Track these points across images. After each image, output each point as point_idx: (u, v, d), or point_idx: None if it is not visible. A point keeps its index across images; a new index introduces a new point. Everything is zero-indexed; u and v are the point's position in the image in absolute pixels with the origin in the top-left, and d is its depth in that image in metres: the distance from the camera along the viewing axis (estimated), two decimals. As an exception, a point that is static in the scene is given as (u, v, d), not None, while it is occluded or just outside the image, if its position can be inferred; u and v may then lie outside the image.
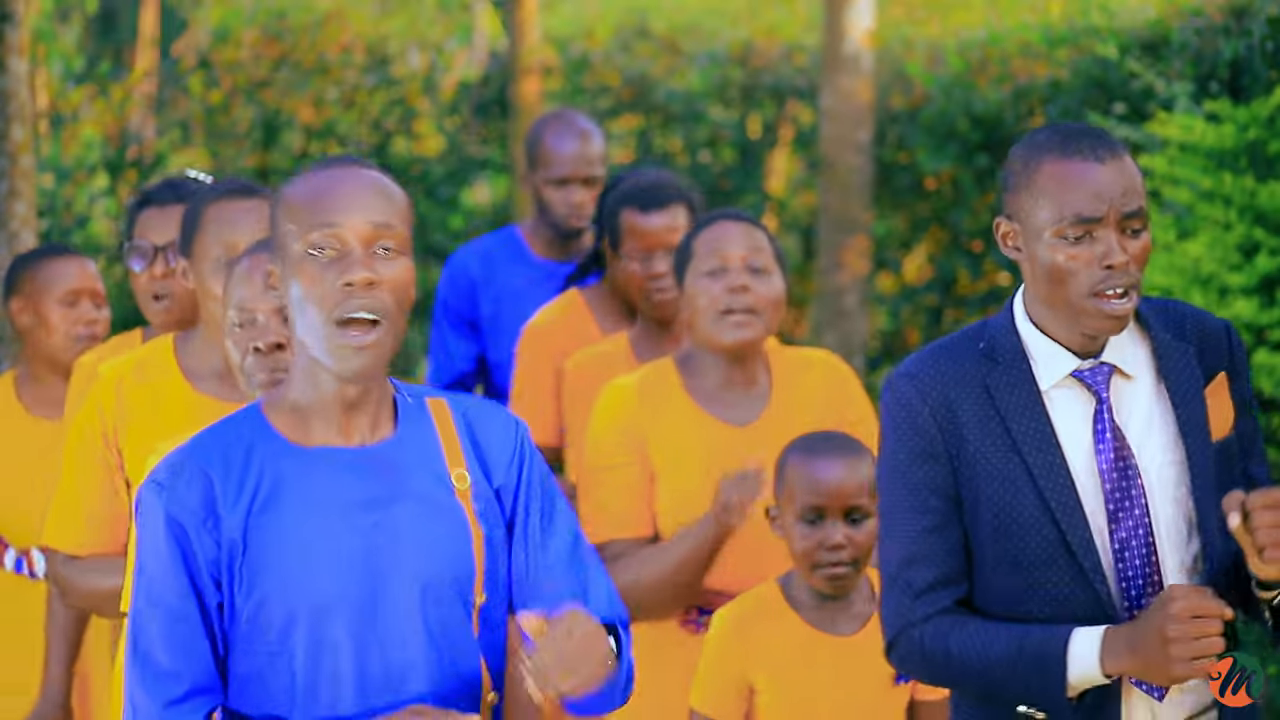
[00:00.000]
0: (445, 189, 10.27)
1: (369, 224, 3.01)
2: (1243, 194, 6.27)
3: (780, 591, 4.16)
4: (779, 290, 4.50)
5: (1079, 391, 3.41)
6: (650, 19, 10.72)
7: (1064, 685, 3.30)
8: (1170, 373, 3.42)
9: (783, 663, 4.09)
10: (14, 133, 6.19)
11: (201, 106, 10.35)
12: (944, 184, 9.23)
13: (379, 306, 2.99)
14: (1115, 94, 7.67)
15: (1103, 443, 3.39)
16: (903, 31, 9.80)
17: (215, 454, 3.03)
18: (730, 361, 4.50)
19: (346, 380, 3.02)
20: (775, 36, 10.31)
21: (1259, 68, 6.83)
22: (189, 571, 3.00)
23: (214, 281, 4.09)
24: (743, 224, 4.56)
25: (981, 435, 3.40)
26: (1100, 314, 3.33)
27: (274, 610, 2.98)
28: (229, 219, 4.12)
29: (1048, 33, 8.24)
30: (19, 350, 5.40)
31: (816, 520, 4.10)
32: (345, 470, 3.02)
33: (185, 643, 3.00)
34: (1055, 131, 3.39)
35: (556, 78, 10.46)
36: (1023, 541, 3.37)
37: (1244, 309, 6.14)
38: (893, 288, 9.84)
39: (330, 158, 3.10)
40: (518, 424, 3.14)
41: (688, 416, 4.50)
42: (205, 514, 2.99)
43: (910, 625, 3.41)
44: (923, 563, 3.40)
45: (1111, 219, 3.32)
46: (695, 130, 10.06)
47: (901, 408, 3.43)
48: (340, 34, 10.62)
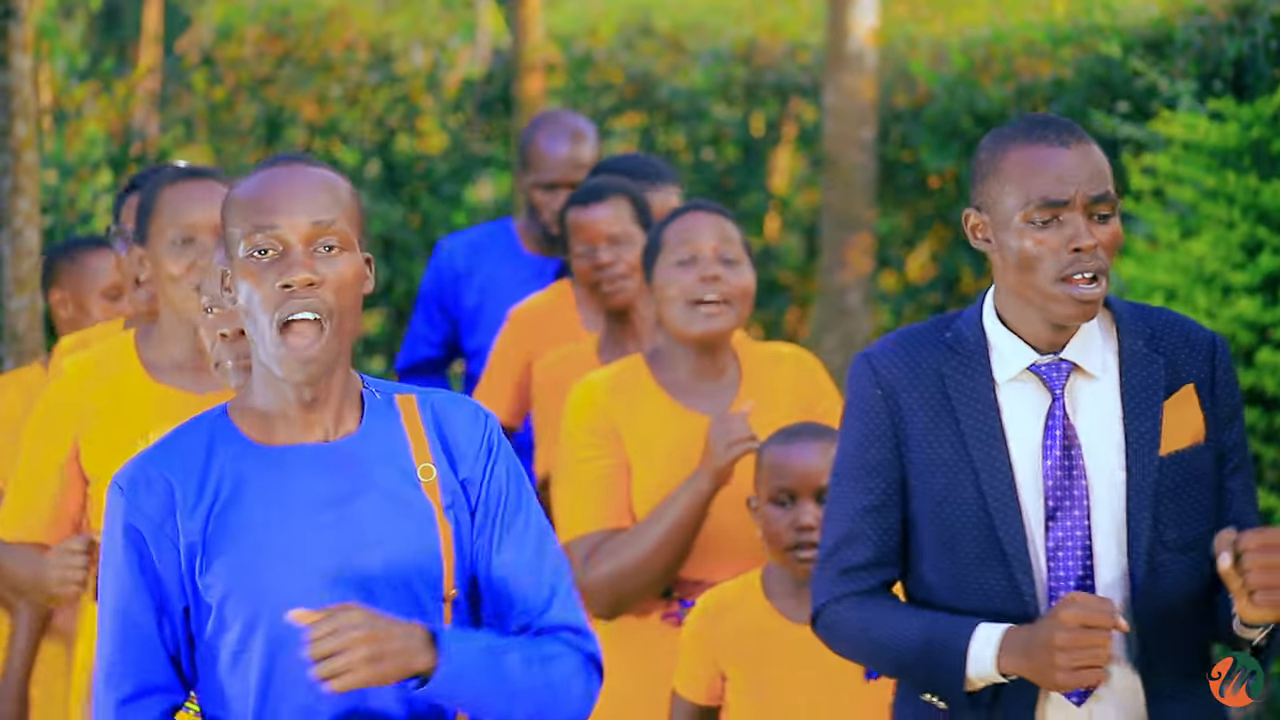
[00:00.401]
0: (448, 186, 10.27)
1: (309, 222, 2.98)
2: (1246, 192, 6.27)
3: (758, 581, 4.20)
4: (749, 281, 4.53)
5: (1036, 387, 3.40)
6: (653, 17, 10.72)
7: (962, 679, 3.32)
8: (1131, 381, 3.41)
9: (752, 651, 4.14)
10: (17, 129, 6.18)
11: (205, 103, 10.35)
12: (947, 182, 9.23)
13: (320, 306, 2.97)
14: (1119, 92, 7.67)
15: (1051, 440, 3.38)
16: (906, 29, 9.80)
17: (176, 459, 3.02)
18: (699, 352, 4.52)
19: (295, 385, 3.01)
20: (779, 34, 10.31)
21: (1263, 66, 6.82)
22: (145, 577, 3.00)
23: (170, 263, 4.10)
24: (713, 215, 4.58)
25: (930, 424, 3.40)
26: (1069, 299, 3.32)
27: (235, 610, 2.98)
28: (182, 200, 4.13)
29: (1051, 31, 8.24)
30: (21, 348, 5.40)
31: (787, 502, 4.14)
32: (308, 467, 3.01)
33: (139, 645, 3.01)
34: (1021, 121, 3.41)
35: (560, 75, 10.45)
36: (957, 534, 3.38)
37: (1247, 308, 6.14)
38: (896, 286, 9.83)
39: (276, 156, 3.08)
40: (487, 417, 3.12)
41: (659, 407, 4.51)
42: (164, 520, 2.99)
43: (834, 600, 3.46)
44: (857, 542, 3.44)
45: (1078, 202, 3.32)
46: (698, 128, 10.05)
47: (857, 389, 3.46)
48: (343, 31, 10.61)
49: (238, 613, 2.98)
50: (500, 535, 3.09)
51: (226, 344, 3.58)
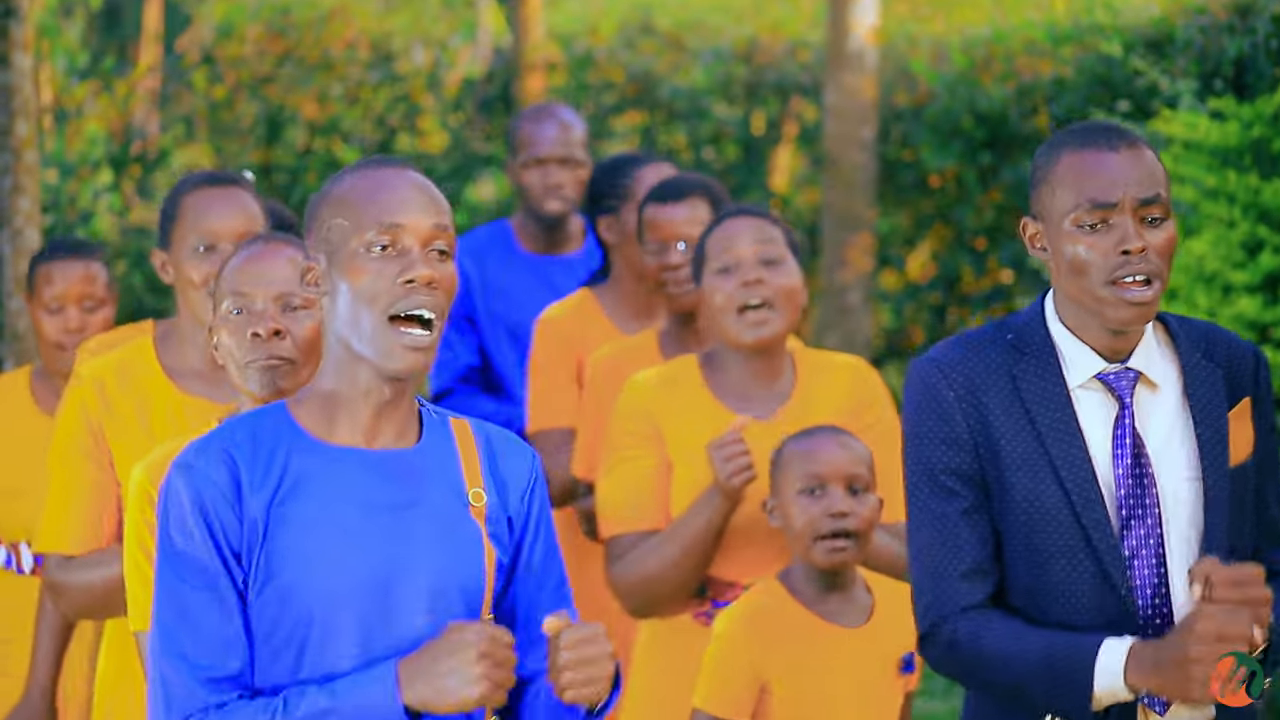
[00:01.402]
0: (449, 185, 10.27)
1: (430, 224, 3.01)
2: (1247, 192, 6.27)
3: (783, 587, 4.16)
4: (794, 279, 4.48)
5: (1103, 395, 3.40)
6: (654, 16, 10.72)
7: (1089, 698, 3.28)
8: (1196, 392, 3.41)
9: (796, 657, 4.08)
10: (18, 128, 6.19)
11: (205, 102, 10.35)
12: (948, 181, 9.23)
13: (436, 306, 2.99)
14: (1119, 91, 7.67)
15: (1121, 448, 3.38)
16: (907, 28, 9.80)
17: (242, 438, 3.02)
18: (752, 358, 4.50)
19: (392, 377, 3.00)
20: (779, 33, 10.31)
21: (1263, 65, 6.82)
22: (218, 547, 2.98)
23: (192, 270, 4.09)
24: (752, 218, 4.54)
25: (1007, 424, 3.38)
26: (1120, 302, 3.32)
27: (289, 604, 2.97)
28: (205, 207, 4.12)
29: (1052, 30, 8.23)
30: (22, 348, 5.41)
31: (817, 491, 4.12)
32: (367, 471, 3.01)
33: (223, 617, 2.97)
34: (1075, 128, 3.42)
35: (560, 74, 10.46)
36: (1044, 533, 3.36)
37: (1248, 307, 6.14)
38: (896, 285, 9.83)
39: (377, 157, 3.10)
40: (534, 457, 3.14)
41: (705, 409, 4.49)
42: (232, 492, 2.98)
43: (945, 618, 3.39)
44: (956, 549, 3.38)
45: (1127, 205, 3.32)
46: (699, 127, 10.06)
47: (926, 393, 3.42)
48: (344, 30, 10.61)
49: (285, 604, 2.97)
50: (535, 577, 3.12)
51: (258, 343, 3.57)
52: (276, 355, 3.55)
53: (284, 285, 3.58)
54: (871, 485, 4.15)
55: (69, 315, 5.09)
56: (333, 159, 10.28)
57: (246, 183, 4.23)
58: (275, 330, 3.55)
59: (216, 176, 4.24)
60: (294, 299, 3.58)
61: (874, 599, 4.15)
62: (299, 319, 3.59)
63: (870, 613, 4.14)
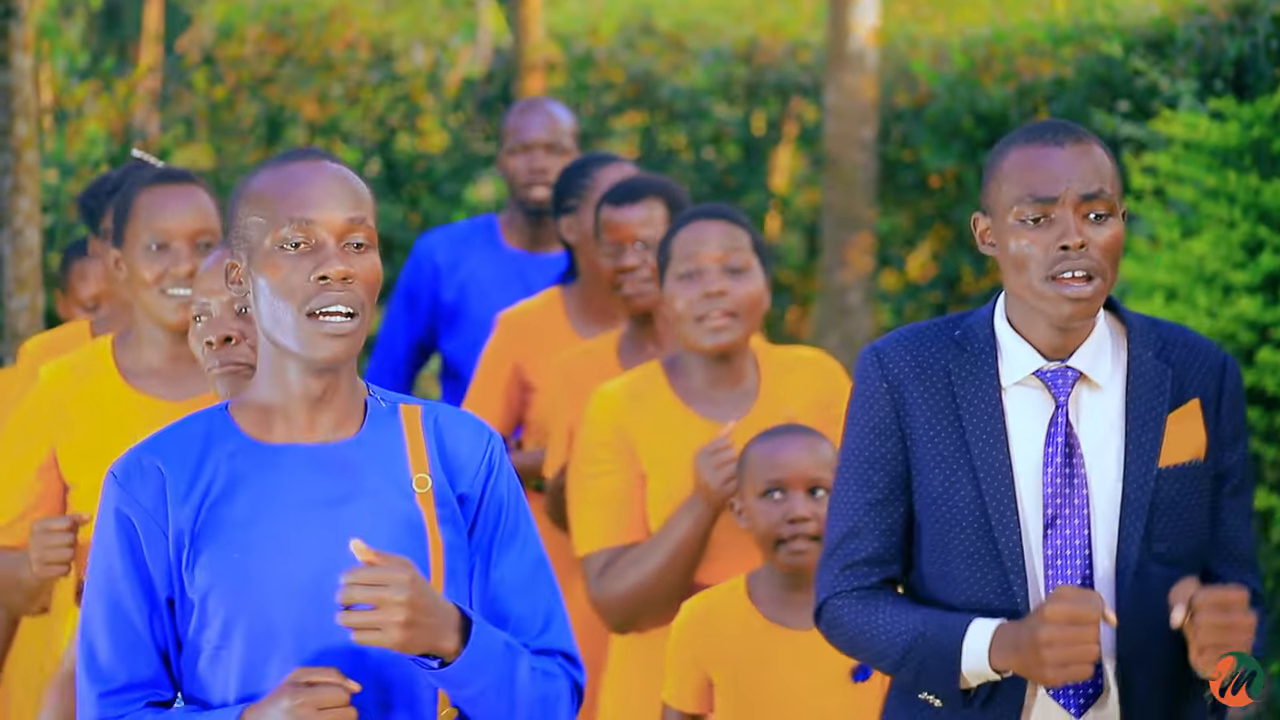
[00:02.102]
0: (449, 185, 10.26)
1: (343, 218, 2.98)
2: (1247, 192, 6.27)
3: (743, 587, 4.18)
4: (758, 289, 4.46)
5: (1040, 393, 3.39)
6: (654, 16, 10.71)
7: (957, 676, 3.31)
8: (1137, 390, 3.38)
9: (738, 656, 4.11)
10: (18, 128, 6.18)
11: (205, 102, 10.34)
12: (948, 181, 9.23)
13: (353, 300, 2.97)
14: (1120, 92, 7.66)
15: (1052, 447, 3.36)
16: (907, 29, 9.79)
17: (171, 449, 3.01)
18: (714, 362, 4.48)
19: (318, 368, 2.98)
20: (780, 33, 10.30)
21: (1264, 65, 6.82)
22: (136, 567, 2.99)
23: (144, 268, 4.08)
24: (719, 222, 4.49)
25: (933, 420, 3.39)
26: (1060, 298, 3.30)
27: (216, 605, 2.96)
28: (159, 205, 4.10)
29: (1052, 30, 8.23)
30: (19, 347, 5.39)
31: (778, 495, 4.13)
32: (302, 466, 3.00)
33: (127, 638, 2.99)
34: (1028, 125, 3.41)
35: (560, 74, 10.45)
36: (952, 532, 3.37)
37: (1248, 307, 6.14)
38: (896, 285, 9.83)
39: (293, 150, 3.07)
40: (491, 435, 3.10)
41: (674, 416, 4.48)
42: (155, 508, 2.98)
43: (834, 595, 3.44)
44: (860, 536, 3.42)
45: (1068, 200, 3.30)
46: (699, 127, 10.05)
47: (863, 382, 3.45)
48: (344, 30, 10.61)
49: (219, 608, 2.96)
50: (496, 553, 3.07)
51: (211, 351, 3.57)
52: (232, 361, 3.55)
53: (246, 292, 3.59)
54: None
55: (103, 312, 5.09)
56: (333, 159, 10.27)
57: (201, 180, 4.22)
58: (225, 337, 3.55)
59: (170, 173, 4.23)
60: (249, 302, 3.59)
61: None
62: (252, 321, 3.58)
63: None
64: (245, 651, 2.96)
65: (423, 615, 2.87)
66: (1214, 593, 3.23)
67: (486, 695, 2.96)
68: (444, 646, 2.91)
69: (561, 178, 5.52)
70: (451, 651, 2.92)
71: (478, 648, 2.92)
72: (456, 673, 2.92)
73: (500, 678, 2.96)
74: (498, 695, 2.97)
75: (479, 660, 2.93)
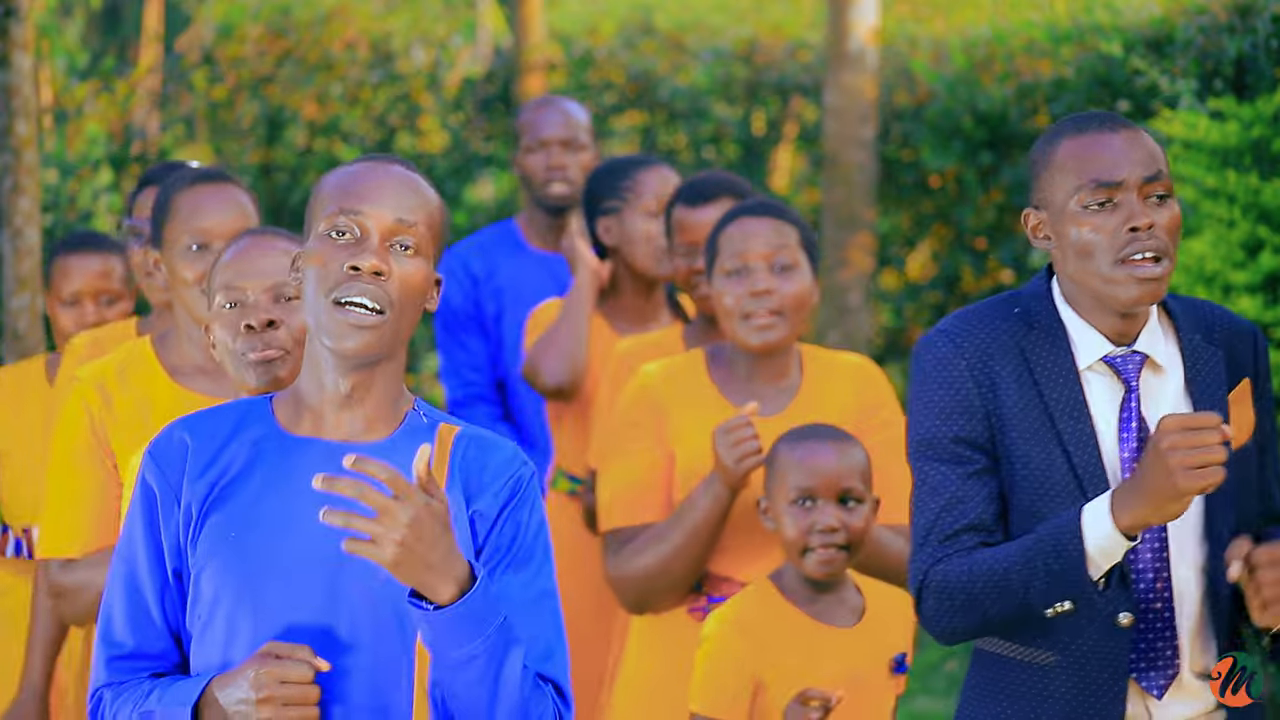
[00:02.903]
0: (449, 185, 10.27)
1: (393, 217, 3.00)
2: (1247, 192, 6.26)
3: (775, 587, 4.15)
4: (804, 287, 4.46)
5: (1109, 378, 3.40)
6: (655, 16, 10.72)
7: (1083, 559, 3.24)
8: (1198, 375, 3.41)
9: (790, 656, 4.08)
10: (18, 128, 6.18)
11: (205, 102, 10.34)
12: (948, 181, 9.23)
13: (382, 297, 2.97)
14: (1120, 91, 7.66)
15: (1127, 431, 3.38)
16: (907, 29, 9.80)
17: (203, 427, 3.05)
18: (759, 357, 4.49)
19: (346, 363, 2.99)
20: (780, 33, 10.31)
21: (1264, 65, 6.82)
22: (152, 539, 3.02)
23: (185, 268, 4.09)
24: (767, 219, 4.48)
25: (1018, 395, 3.38)
26: (1131, 280, 3.31)
27: (209, 581, 2.99)
28: (197, 205, 4.11)
29: (1052, 30, 8.23)
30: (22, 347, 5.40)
31: (808, 503, 4.10)
32: (320, 460, 3.00)
33: (138, 608, 3.04)
34: (1071, 116, 3.44)
35: (561, 74, 10.45)
36: (1050, 505, 3.36)
37: (1248, 307, 6.14)
38: (896, 285, 9.83)
39: (373, 154, 3.10)
40: (525, 463, 3.08)
41: (710, 402, 4.48)
42: (175, 481, 3.01)
43: (933, 565, 3.37)
44: (962, 504, 3.37)
45: (1131, 183, 3.32)
46: (699, 127, 10.05)
47: (938, 365, 3.41)
48: (344, 30, 10.61)
49: (210, 582, 2.99)
50: (503, 571, 3.03)
51: (250, 336, 3.57)
52: (271, 346, 3.55)
53: (276, 276, 3.59)
54: (865, 495, 4.13)
55: (85, 309, 5.10)
56: (333, 159, 10.28)
57: (238, 179, 4.23)
58: (268, 321, 3.55)
59: (209, 174, 4.22)
60: (287, 290, 3.58)
61: (865, 600, 4.15)
62: (293, 309, 3.59)
63: (862, 613, 4.14)
64: (227, 629, 2.98)
65: (422, 545, 2.82)
66: (1271, 549, 3.24)
67: (472, 667, 2.89)
68: (438, 589, 2.85)
69: (596, 179, 5.46)
70: (444, 598, 2.86)
71: (474, 602, 2.85)
72: (446, 622, 2.85)
73: (490, 652, 2.89)
74: (483, 672, 2.89)
75: (472, 616, 2.86)
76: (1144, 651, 3.35)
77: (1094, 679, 3.35)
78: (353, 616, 2.97)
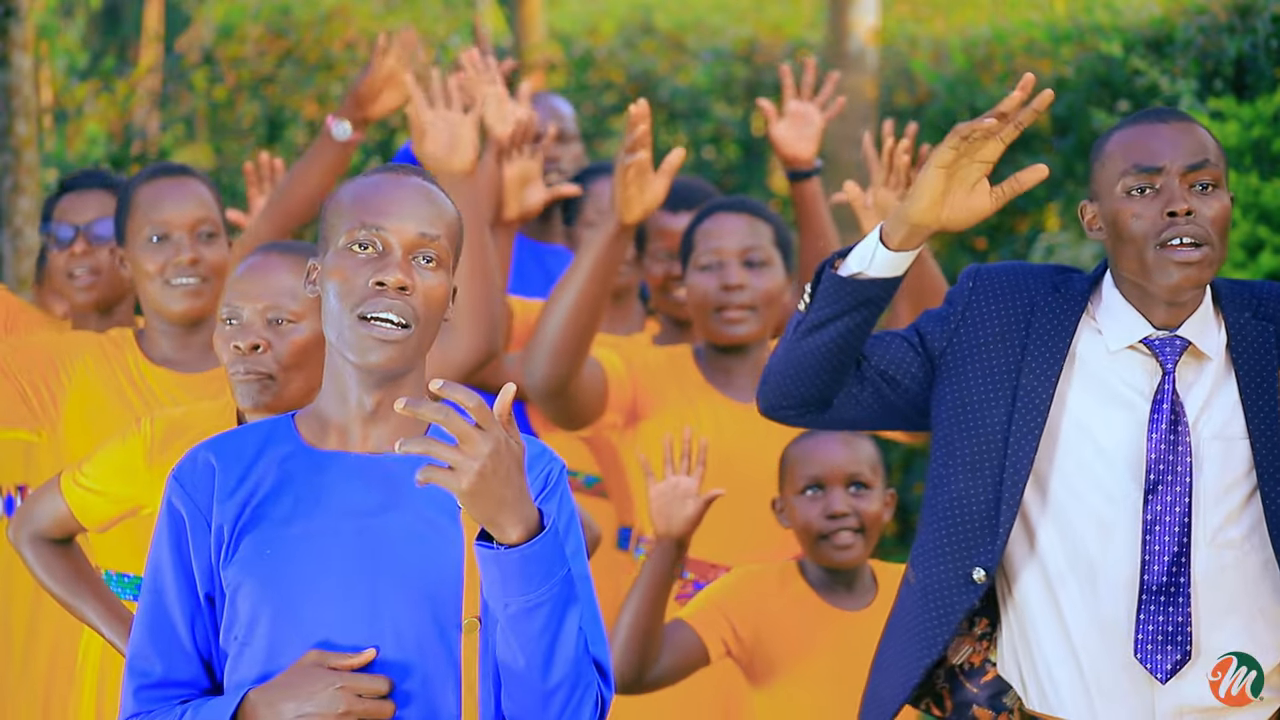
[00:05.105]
0: (449, 185, 10.27)
1: (415, 231, 2.98)
2: (1247, 192, 6.27)
3: (796, 568, 4.25)
4: (778, 282, 4.51)
5: (1147, 360, 3.42)
6: (655, 16, 10.72)
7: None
8: (1243, 351, 3.43)
9: (780, 621, 4.16)
10: (18, 128, 6.19)
11: (205, 102, 10.35)
12: (948, 181, 9.22)
13: (407, 312, 2.95)
14: (1120, 91, 7.67)
15: (1158, 414, 3.40)
16: (907, 29, 9.80)
17: (228, 448, 3.03)
18: (732, 352, 4.52)
19: (370, 378, 2.97)
20: (779, 33, 10.31)
21: (1264, 65, 6.82)
22: (181, 565, 3.00)
23: (146, 259, 4.15)
24: (742, 215, 4.55)
25: (998, 334, 3.47)
26: (1168, 264, 3.35)
27: (244, 600, 2.96)
28: (156, 198, 4.19)
29: (1052, 30, 8.24)
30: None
31: (818, 491, 4.14)
32: (349, 474, 2.99)
33: (166, 634, 3.00)
34: (1130, 115, 3.52)
35: (561, 74, 10.46)
36: (964, 443, 3.43)
37: (1248, 307, 6.15)
38: (896, 285, 9.83)
39: (391, 164, 3.08)
40: (553, 460, 3.04)
41: (695, 384, 4.55)
42: (204, 504, 2.99)
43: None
44: (878, 340, 3.56)
45: (1173, 170, 3.37)
46: (699, 127, 10.06)
47: (955, 286, 3.54)
48: (344, 30, 10.62)
49: (246, 602, 2.97)
50: None
51: (238, 356, 3.58)
52: (255, 370, 3.56)
53: (272, 298, 3.59)
54: (875, 481, 4.18)
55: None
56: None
57: (198, 172, 4.29)
58: (254, 345, 3.56)
59: (167, 168, 4.30)
60: (282, 312, 3.59)
61: (878, 586, 4.21)
62: (284, 333, 3.59)
63: (871, 601, 4.20)
64: (268, 647, 2.96)
65: (498, 479, 2.76)
66: None
67: (536, 616, 2.83)
68: (507, 529, 2.80)
69: (581, 181, 5.49)
70: (509, 540, 2.80)
71: (547, 544, 2.80)
72: (516, 562, 2.80)
73: (554, 601, 2.84)
74: (546, 623, 2.84)
75: (543, 559, 2.80)
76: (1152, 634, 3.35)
77: (932, 614, 3.40)
78: (396, 627, 2.95)
